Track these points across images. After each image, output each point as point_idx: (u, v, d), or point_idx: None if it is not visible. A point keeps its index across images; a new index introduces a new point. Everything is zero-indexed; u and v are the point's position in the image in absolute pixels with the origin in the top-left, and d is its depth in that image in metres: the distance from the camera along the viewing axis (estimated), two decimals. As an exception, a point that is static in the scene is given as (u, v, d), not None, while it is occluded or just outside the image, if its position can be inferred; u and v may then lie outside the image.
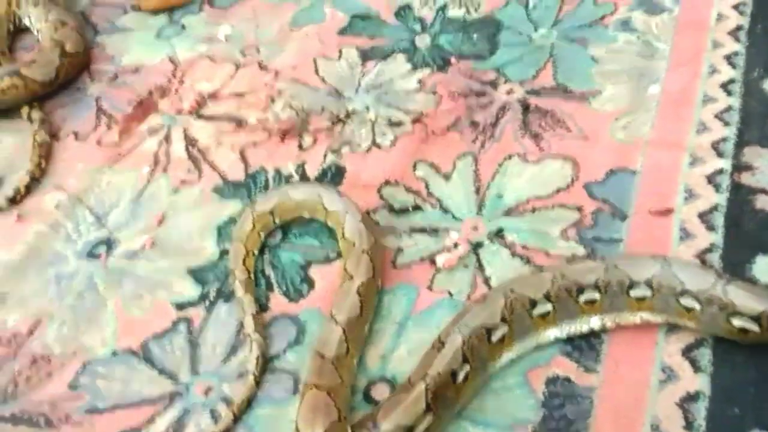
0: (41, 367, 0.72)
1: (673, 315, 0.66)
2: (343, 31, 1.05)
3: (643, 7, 1.00)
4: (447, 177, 0.84)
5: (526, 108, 0.90)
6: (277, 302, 0.75)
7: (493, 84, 0.93)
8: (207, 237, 0.82)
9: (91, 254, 0.81)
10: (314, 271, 0.77)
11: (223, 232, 0.82)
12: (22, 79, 0.96)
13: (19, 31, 1.11)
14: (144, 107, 0.97)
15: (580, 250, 0.75)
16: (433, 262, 0.76)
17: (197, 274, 0.78)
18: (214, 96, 0.98)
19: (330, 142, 0.90)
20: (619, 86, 0.90)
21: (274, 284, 0.77)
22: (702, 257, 0.73)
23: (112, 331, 0.74)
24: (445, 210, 0.81)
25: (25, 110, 0.96)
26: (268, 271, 0.78)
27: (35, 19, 1.09)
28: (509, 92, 0.92)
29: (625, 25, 0.98)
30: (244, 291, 0.74)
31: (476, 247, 0.77)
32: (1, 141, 0.96)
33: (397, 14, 1.06)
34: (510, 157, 0.85)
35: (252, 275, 0.76)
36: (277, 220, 0.79)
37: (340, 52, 1.02)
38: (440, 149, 0.87)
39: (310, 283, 0.76)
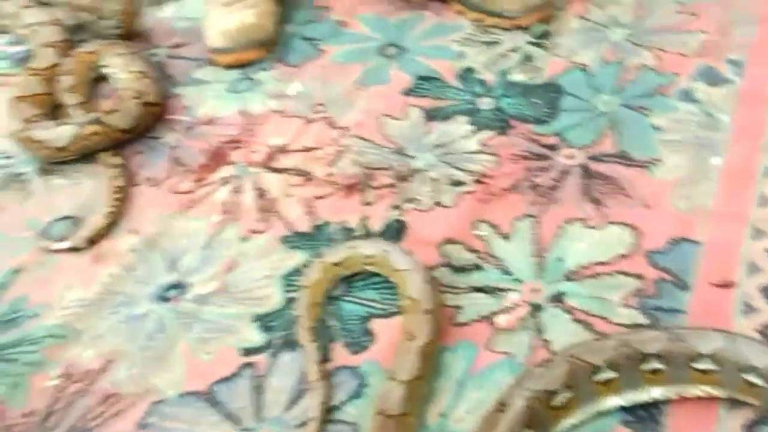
0: (112, 404, 0.75)
1: (736, 390, 0.66)
2: (407, 92, 1.08)
3: (705, 79, 1.02)
4: (507, 238, 0.86)
5: (587, 173, 0.92)
6: (339, 353, 0.77)
7: (554, 148, 0.96)
8: (273, 285, 0.85)
9: (163, 297, 0.85)
10: (376, 325, 0.79)
11: (289, 281, 0.85)
12: (104, 127, 1.02)
13: (99, 79, 1.18)
14: (217, 158, 1.02)
15: (642, 319, 0.75)
16: (492, 322, 0.77)
17: (263, 322, 0.81)
18: (283, 149, 1.02)
19: (393, 198, 0.93)
20: (681, 156, 0.92)
21: (337, 335, 0.79)
22: (764, 332, 0.73)
23: (180, 374, 0.77)
24: (505, 271, 0.82)
25: (104, 156, 1.02)
26: (331, 321, 0.80)
27: (117, 70, 1.15)
28: (570, 157, 0.94)
29: (687, 95, 1.00)
30: (309, 339, 0.76)
31: (536, 309, 0.78)
32: (82, 184, 1.01)
33: (460, 77, 1.10)
34: (571, 221, 0.86)
35: (317, 324, 0.79)
36: (345, 272, 0.82)
37: (405, 111, 1.05)
38: (501, 210, 0.89)
39: (372, 337, 0.78)
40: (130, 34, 1.23)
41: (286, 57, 1.18)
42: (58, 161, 1.03)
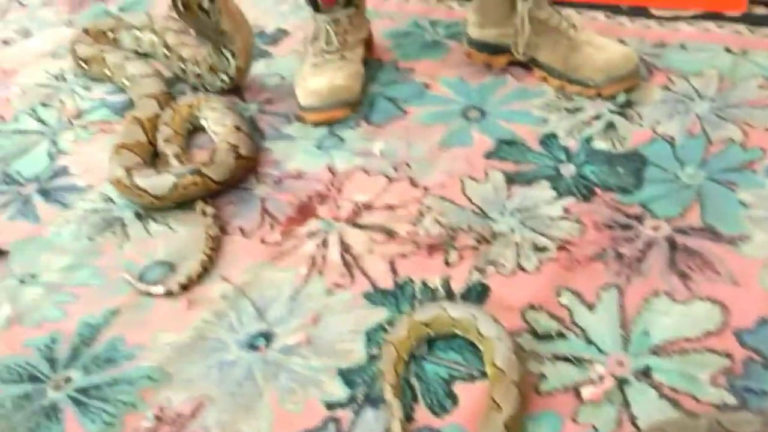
0: (201, 449, 0.78)
1: (834, 481, 0.64)
2: (489, 155, 1.11)
3: (792, 156, 1.02)
4: (591, 307, 0.86)
5: (673, 246, 0.92)
6: (421, 414, 0.78)
7: (639, 219, 0.96)
8: (357, 340, 0.87)
9: (251, 345, 0.88)
10: (458, 388, 0.80)
11: (371, 337, 0.87)
12: (201, 177, 1.07)
13: (195, 130, 1.25)
14: (304, 211, 1.06)
15: (731, 399, 0.74)
16: (577, 393, 0.77)
17: (346, 376, 0.83)
18: (368, 206, 1.05)
19: (475, 260, 0.94)
20: (770, 233, 0.91)
21: (419, 396, 0.80)
22: None
23: (267, 423, 0.79)
24: (589, 341, 0.83)
25: (199, 205, 1.07)
26: (414, 381, 0.81)
27: (212, 123, 1.22)
28: (655, 228, 0.94)
29: (774, 171, 1.00)
30: (394, 395, 0.78)
31: (622, 383, 0.78)
32: (177, 231, 1.06)
33: (542, 142, 1.12)
34: (657, 294, 0.86)
35: (400, 381, 0.80)
36: (431, 332, 0.84)
37: (486, 174, 1.08)
38: (585, 278, 0.90)
39: (454, 400, 0.79)
40: (236, 88, 1.30)
41: (371, 116, 1.23)
42: (155, 208, 1.08)
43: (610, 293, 0.87)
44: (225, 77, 1.27)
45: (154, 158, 1.18)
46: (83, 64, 1.43)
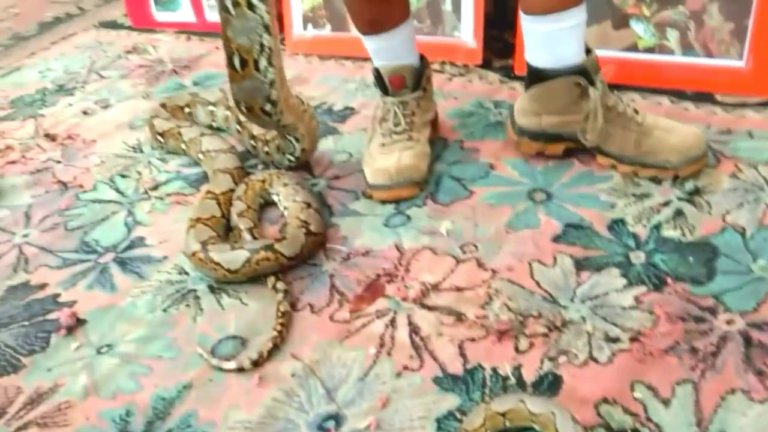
0: None
1: None
2: (557, 239, 1.12)
3: None
4: (666, 403, 0.85)
5: (748, 342, 0.90)
6: (494, 508, 0.77)
7: (712, 311, 0.95)
8: (427, 427, 0.87)
9: (321, 428, 0.88)
10: (532, 482, 0.79)
11: (441, 425, 0.86)
12: (273, 253, 1.10)
13: (266, 204, 1.29)
14: (373, 290, 1.07)
15: None
16: (655, 494, 0.76)
17: (417, 465, 0.83)
18: (435, 287, 1.06)
19: (546, 349, 0.94)
20: None
21: (491, 488, 0.79)
22: None
23: None
24: (665, 439, 0.81)
25: (271, 280, 1.10)
26: (485, 473, 0.81)
27: (283, 198, 1.26)
28: (729, 322, 0.93)
29: None
30: (466, 489, 0.77)
31: (703, 486, 0.76)
32: (248, 305, 1.09)
33: (611, 227, 1.12)
34: (733, 391, 0.84)
35: (472, 475, 0.80)
36: (508, 424, 0.83)
37: (555, 259, 1.08)
38: (658, 372, 0.88)
39: (528, 494, 0.78)
40: (305, 164, 1.35)
41: (437, 195, 1.25)
42: (228, 281, 1.12)
43: (684, 389, 0.86)
44: (291, 158, 1.32)
45: (227, 231, 1.22)
46: (160, 138, 1.49)
